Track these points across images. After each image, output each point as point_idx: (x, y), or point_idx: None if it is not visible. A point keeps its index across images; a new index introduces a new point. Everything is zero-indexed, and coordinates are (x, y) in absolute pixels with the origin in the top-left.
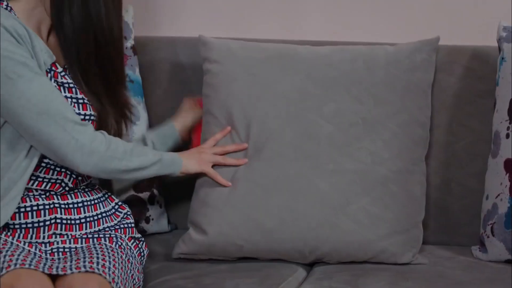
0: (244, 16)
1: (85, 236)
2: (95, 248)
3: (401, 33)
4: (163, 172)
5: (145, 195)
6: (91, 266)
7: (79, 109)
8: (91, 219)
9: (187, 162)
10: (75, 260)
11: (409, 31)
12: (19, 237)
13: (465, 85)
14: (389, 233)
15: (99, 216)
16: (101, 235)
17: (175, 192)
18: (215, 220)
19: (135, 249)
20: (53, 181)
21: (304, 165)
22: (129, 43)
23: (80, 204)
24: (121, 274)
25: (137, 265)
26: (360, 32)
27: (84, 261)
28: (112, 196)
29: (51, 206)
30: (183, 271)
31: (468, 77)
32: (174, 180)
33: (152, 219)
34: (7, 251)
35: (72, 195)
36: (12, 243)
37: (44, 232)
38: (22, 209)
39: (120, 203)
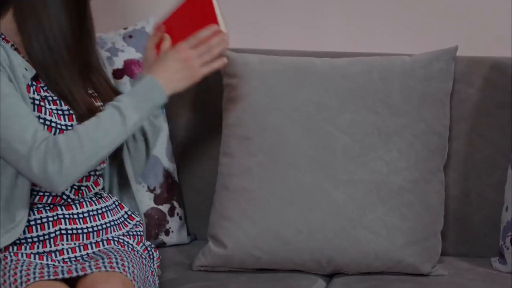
0: (264, 27)
1: (93, 241)
2: (108, 250)
3: (421, 44)
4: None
5: (165, 207)
6: (111, 265)
7: (65, 120)
8: (98, 228)
9: (171, 85)
10: (94, 261)
11: (428, 42)
12: (25, 249)
13: (484, 96)
14: (406, 243)
15: (107, 225)
16: (110, 239)
17: (195, 202)
18: (232, 232)
19: (144, 252)
20: (54, 194)
21: (319, 176)
22: None
23: (85, 214)
24: (139, 274)
25: (151, 267)
26: (380, 43)
27: (103, 262)
28: (122, 204)
29: (55, 218)
30: (204, 281)
31: (487, 88)
32: (194, 192)
33: (172, 231)
34: (21, 266)
35: (77, 205)
36: (24, 260)
37: (50, 244)
38: (26, 223)
39: (130, 213)
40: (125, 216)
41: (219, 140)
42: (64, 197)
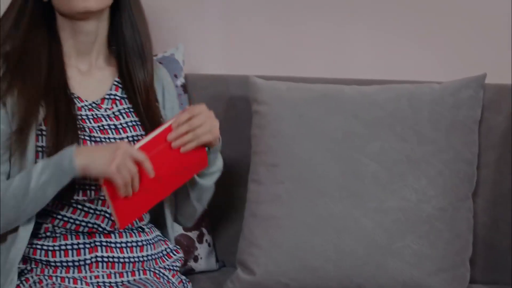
0: (292, 54)
1: (129, 270)
2: (144, 281)
3: (449, 71)
4: (58, 186)
5: (193, 234)
6: None
7: (120, 134)
8: (135, 259)
9: (85, 156)
10: None
11: (457, 70)
12: (61, 273)
13: None
14: (434, 270)
15: (145, 258)
16: (146, 269)
17: (223, 229)
18: (261, 259)
19: (179, 285)
20: (90, 225)
21: (348, 203)
22: (179, 81)
23: (123, 244)
24: None
25: None
26: (408, 70)
27: None
28: (164, 241)
29: (92, 245)
30: None
31: None
32: (222, 218)
33: (201, 258)
34: None
35: (117, 234)
36: (60, 284)
37: (85, 270)
38: (63, 247)
39: (169, 250)
40: (165, 252)
41: (248, 167)
42: (100, 229)
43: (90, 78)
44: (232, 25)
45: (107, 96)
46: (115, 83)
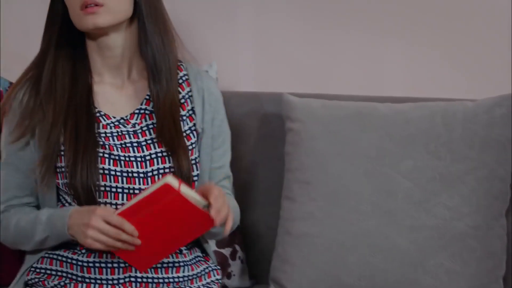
0: (325, 72)
1: None
2: None
3: (483, 89)
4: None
5: (227, 251)
6: None
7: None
8: (170, 280)
9: (73, 228)
10: None
11: (490, 88)
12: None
13: None
14: None
15: (180, 279)
16: (181, 287)
17: (256, 246)
18: (295, 277)
19: None
20: None
21: (382, 221)
22: None
23: (158, 265)
24: None
25: None
26: (442, 88)
27: None
28: (205, 260)
29: (126, 264)
30: None
31: None
32: (255, 235)
33: (234, 275)
34: None
35: None
36: None
37: None
38: (97, 264)
39: (209, 270)
40: (206, 270)
41: (281, 184)
42: None
43: (122, 93)
44: (265, 42)
45: (137, 111)
46: (147, 96)
